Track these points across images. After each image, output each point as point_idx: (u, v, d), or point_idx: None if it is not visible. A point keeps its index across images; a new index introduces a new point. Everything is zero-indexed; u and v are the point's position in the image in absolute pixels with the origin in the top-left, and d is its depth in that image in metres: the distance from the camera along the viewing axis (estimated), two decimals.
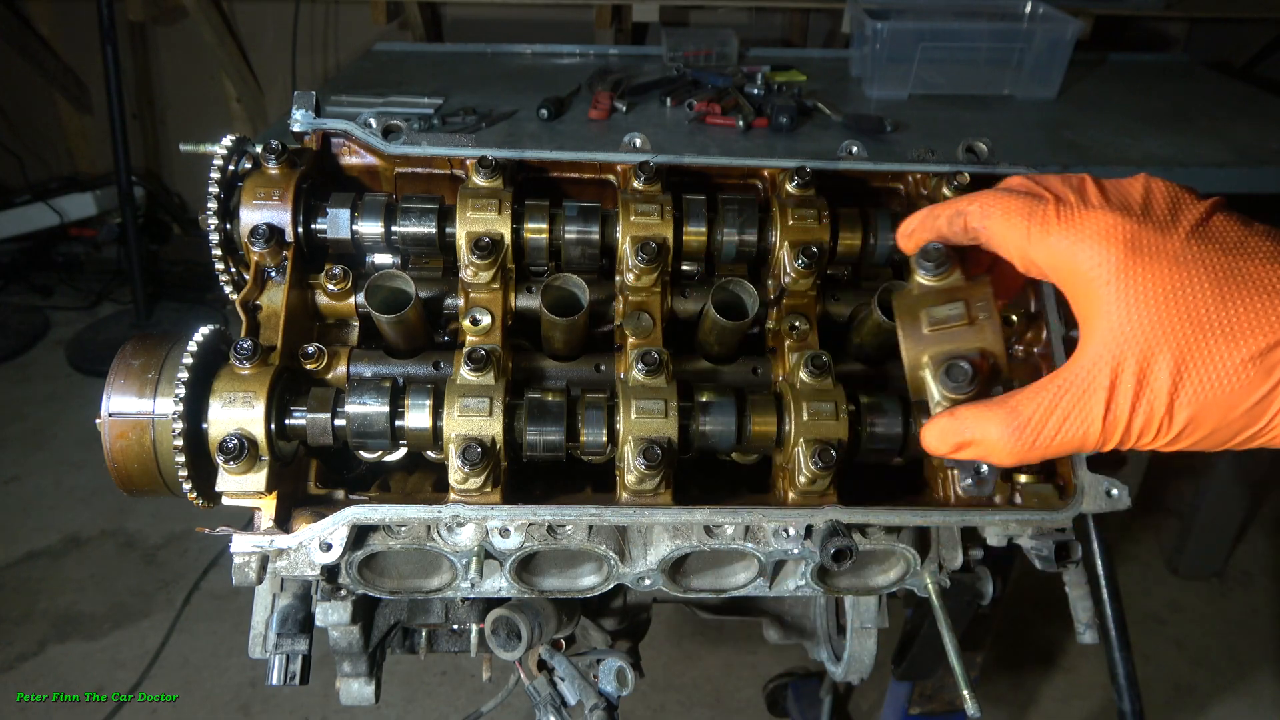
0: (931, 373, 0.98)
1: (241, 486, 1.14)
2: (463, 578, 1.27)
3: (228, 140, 1.31)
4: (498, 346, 1.26)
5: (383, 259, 1.41)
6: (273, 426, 1.15)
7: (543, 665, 1.60)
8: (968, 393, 0.95)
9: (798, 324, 1.33)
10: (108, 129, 5.44)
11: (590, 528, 1.26)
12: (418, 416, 1.17)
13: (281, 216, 1.28)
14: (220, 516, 1.24)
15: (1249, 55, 5.46)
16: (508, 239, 1.30)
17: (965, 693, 1.32)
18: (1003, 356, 0.97)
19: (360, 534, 1.24)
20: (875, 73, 3.66)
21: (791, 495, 1.22)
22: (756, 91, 3.55)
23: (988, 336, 0.97)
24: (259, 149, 1.30)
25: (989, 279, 0.99)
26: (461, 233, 1.29)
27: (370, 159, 1.42)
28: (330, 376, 1.29)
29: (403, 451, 1.32)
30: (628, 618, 1.81)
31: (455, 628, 1.67)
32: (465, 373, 1.18)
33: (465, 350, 1.19)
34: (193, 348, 1.16)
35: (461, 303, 1.33)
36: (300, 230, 1.30)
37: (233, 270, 1.32)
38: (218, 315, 5.84)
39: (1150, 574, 4.48)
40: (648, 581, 1.30)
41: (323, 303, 1.35)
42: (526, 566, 1.34)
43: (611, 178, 1.43)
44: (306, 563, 1.19)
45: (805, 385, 1.22)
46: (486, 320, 1.30)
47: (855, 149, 1.44)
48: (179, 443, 1.11)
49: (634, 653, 1.77)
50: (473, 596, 1.44)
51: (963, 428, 0.91)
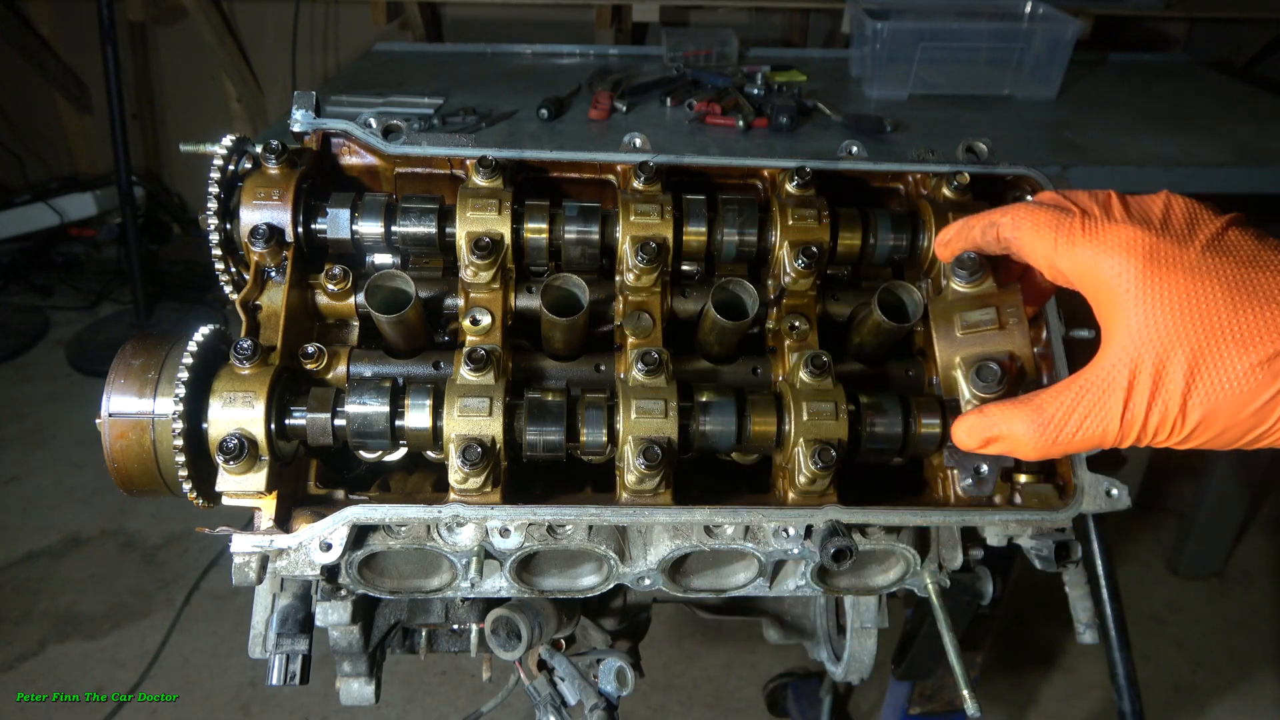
0: (963, 373, 1.05)
1: (241, 486, 1.14)
2: (463, 578, 1.27)
3: (228, 140, 1.31)
4: (498, 346, 1.26)
5: (383, 259, 1.41)
6: (273, 426, 1.15)
7: (543, 665, 1.60)
8: (996, 392, 1.02)
9: (798, 324, 1.33)
10: (108, 129, 5.44)
11: (590, 528, 1.26)
12: (418, 416, 1.17)
13: (281, 216, 1.28)
14: (220, 516, 1.24)
15: (1249, 55, 5.46)
16: (508, 239, 1.30)
17: (965, 693, 1.32)
18: (1030, 360, 1.03)
19: (360, 534, 1.24)
20: (875, 73, 3.66)
21: (791, 495, 1.22)
22: (756, 91, 3.55)
23: (1017, 340, 1.03)
24: (259, 149, 1.30)
25: (1019, 287, 1.06)
26: (461, 233, 1.29)
27: (370, 159, 1.42)
28: (330, 376, 1.29)
29: (403, 451, 1.32)
30: (628, 618, 1.81)
31: (455, 628, 1.67)
32: (465, 373, 1.18)
33: (465, 350, 1.19)
34: (193, 348, 1.16)
35: (461, 303, 1.33)
36: (300, 230, 1.30)
37: (233, 270, 1.32)
38: (218, 315, 5.84)
39: (1150, 574, 4.48)
40: (648, 581, 1.30)
41: (323, 303, 1.35)
42: (526, 566, 1.34)
43: (611, 178, 1.43)
44: (306, 563, 1.19)
45: (805, 385, 1.22)
46: (486, 320, 1.30)
47: (855, 149, 1.44)
48: (179, 443, 1.11)
49: (634, 653, 1.77)
50: (473, 596, 1.44)
51: (991, 423, 0.97)
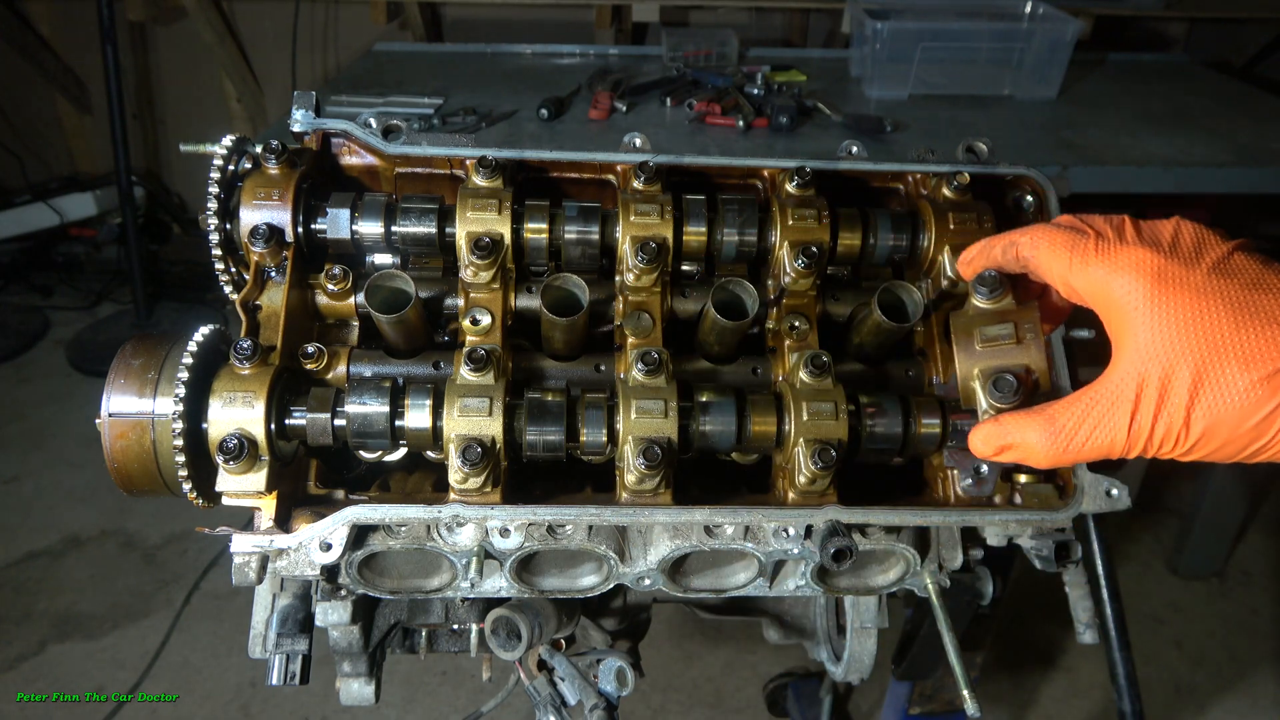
0: (981, 384, 1.09)
1: (241, 486, 1.14)
2: (463, 578, 1.27)
3: (228, 140, 1.31)
4: (498, 346, 1.26)
5: (383, 259, 1.41)
6: (273, 426, 1.15)
7: (543, 665, 1.60)
8: (1012, 403, 1.06)
9: (798, 324, 1.33)
10: (108, 129, 5.44)
11: (590, 528, 1.26)
12: (418, 416, 1.17)
13: (281, 216, 1.28)
14: (220, 516, 1.24)
15: (1249, 55, 5.46)
16: (508, 239, 1.30)
17: (965, 693, 1.32)
18: (1045, 373, 1.08)
19: (360, 534, 1.24)
20: (875, 73, 3.66)
21: (791, 495, 1.22)
22: (756, 91, 3.56)
23: (1033, 355, 1.09)
24: (259, 149, 1.30)
25: (1036, 305, 1.12)
26: (461, 233, 1.29)
27: (370, 159, 1.42)
28: (330, 376, 1.29)
29: (403, 451, 1.32)
30: (628, 618, 1.81)
31: (455, 628, 1.67)
32: (465, 373, 1.18)
33: (465, 350, 1.19)
34: (193, 348, 1.16)
35: (461, 303, 1.33)
36: (300, 230, 1.30)
37: (233, 270, 1.32)
38: (218, 315, 5.84)
39: (1150, 574, 4.48)
40: (648, 581, 1.30)
41: (323, 303, 1.35)
42: (526, 566, 1.34)
43: (611, 178, 1.43)
44: (306, 563, 1.19)
45: (805, 385, 1.22)
46: (486, 320, 1.30)
47: (855, 149, 1.44)
48: (179, 443, 1.11)
49: (634, 653, 1.77)
50: (473, 596, 1.44)
51: (1005, 432, 1.02)
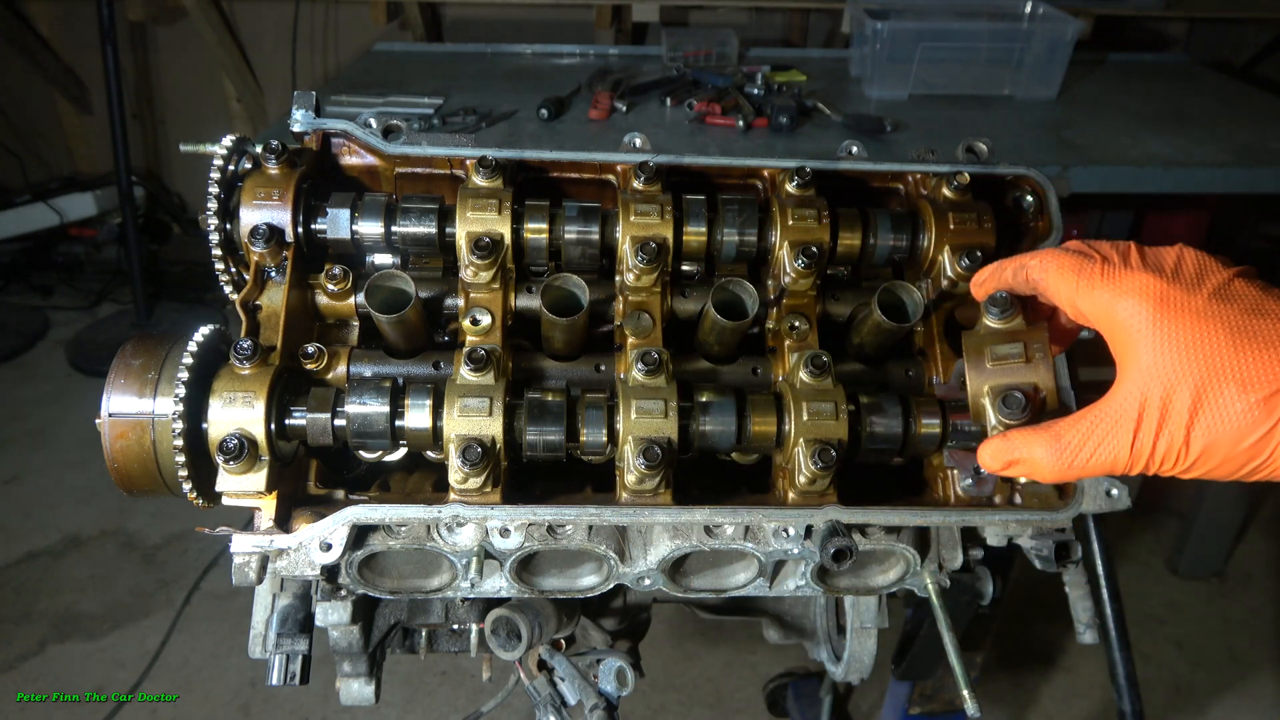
0: (991, 401, 1.12)
1: (241, 486, 1.14)
2: (463, 578, 1.27)
3: (228, 140, 1.31)
4: (498, 346, 1.26)
5: (383, 259, 1.41)
6: (273, 426, 1.15)
7: (543, 665, 1.60)
8: (1020, 419, 1.08)
9: (798, 324, 1.33)
10: (108, 129, 5.44)
11: (590, 528, 1.26)
12: (418, 416, 1.17)
13: (281, 216, 1.28)
14: (220, 516, 1.24)
15: (1249, 55, 5.46)
16: (508, 239, 1.30)
17: (965, 693, 1.32)
18: (1053, 392, 1.12)
19: (360, 534, 1.24)
20: (875, 73, 3.66)
21: (791, 495, 1.22)
22: (756, 91, 3.55)
23: (1041, 374, 1.11)
24: (259, 149, 1.30)
25: (1046, 326, 1.15)
26: (461, 233, 1.29)
27: (370, 159, 1.42)
28: (330, 376, 1.29)
29: (403, 451, 1.32)
30: (628, 618, 1.81)
31: (455, 628, 1.67)
32: (465, 373, 1.18)
33: (465, 350, 1.19)
34: (193, 348, 1.16)
35: (461, 303, 1.33)
36: (300, 230, 1.30)
37: (233, 270, 1.32)
38: (218, 315, 5.84)
39: (1150, 574, 4.48)
40: (648, 581, 1.30)
41: (323, 303, 1.35)
42: (526, 566, 1.34)
43: (611, 178, 1.43)
44: (306, 563, 1.19)
45: (805, 385, 1.22)
46: (486, 320, 1.30)
47: (855, 149, 1.44)
48: (179, 443, 1.11)
49: (634, 653, 1.77)
50: (473, 596, 1.44)
51: (1013, 448, 1.04)
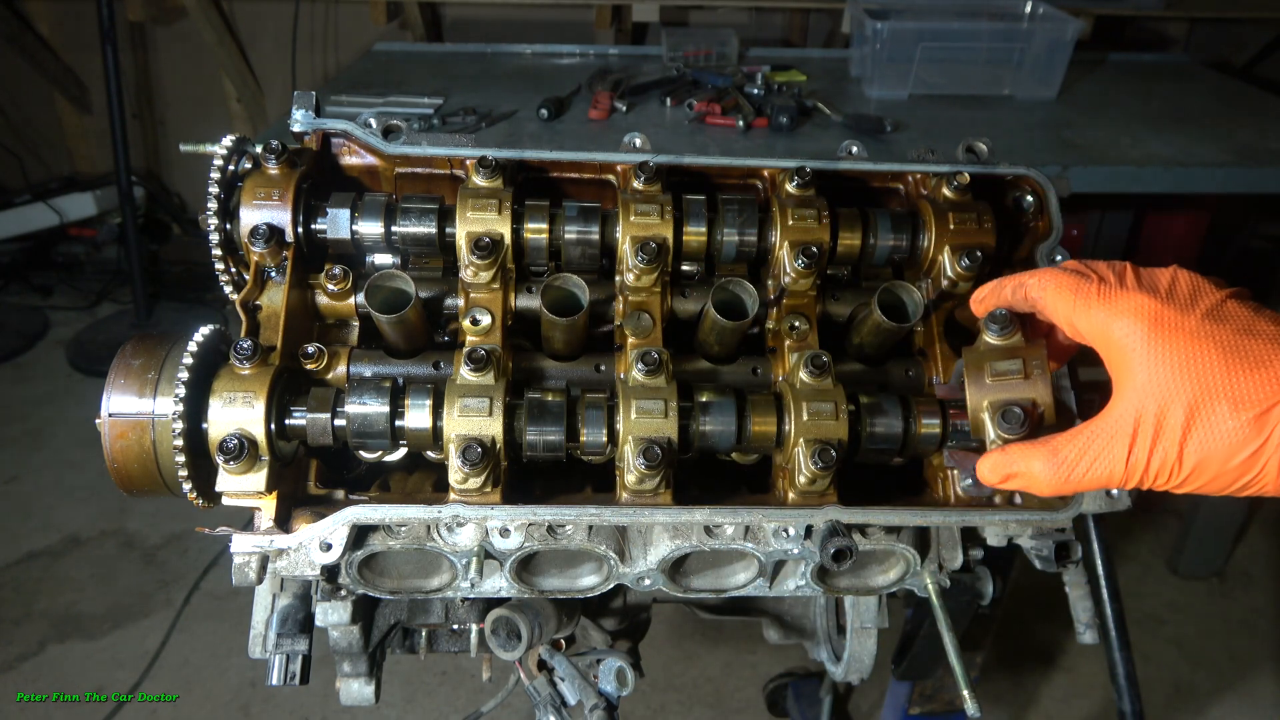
0: (990, 416, 1.14)
1: (241, 486, 1.14)
2: (463, 578, 1.27)
3: (228, 140, 1.31)
4: (498, 346, 1.26)
5: (383, 259, 1.41)
6: (273, 426, 1.15)
7: (543, 665, 1.60)
8: (1019, 434, 1.10)
9: (798, 324, 1.33)
10: (108, 129, 5.43)
11: (590, 528, 1.26)
12: (418, 416, 1.17)
13: (281, 216, 1.28)
14: (220, 516, 1.24)
15: (1249, 55, 5.46)
16: (508, 239, 1.30)
17: (965, 693, 1.32)
18: (1051, 407, 1.13)
19: (360, 534, 1.24)
20: (875, 73, 3.66)
21: (791, 495, 1.22)
22: (756, 91, 3.55)
23: (1039, 389, 1.13)
24: (259, 149, 1.30)
25: (1044, 343, 1.18)
26: (461, 233, 1.29)
27: (370, 159, 1.42)
28: (330, 376, 1.29)
29: (403, 451, 1.32)
30: (628, 618, 1.81)
31: (455, 628, 1.67)
32: (465, 373, 1.18)
33: (465, 350, 1.19)
34: (193, 348, 1.16)
35: (461, 303, 1.33)
36: (300, 230, 1.30)
37: (233, 270, 1.32)
38: (218, 315, 5.84)
39: (1150, 574, 4.48)
40: (648, 581, 1.30)
41: (323, 303, 1.35)
42: (526, 566, 1.34)
43: (611, 178, 1.43)
44: (306, 563, 1.19)
45: (805, 385, 1.22)
46: (486, 320, 1.30)
47: (855, 149, 1.44)
48: (179, 443, 1.11)
49: (634, 653, 1.77)
50: (473, 596, 1.44)
51: (1011, 462, 1.07)
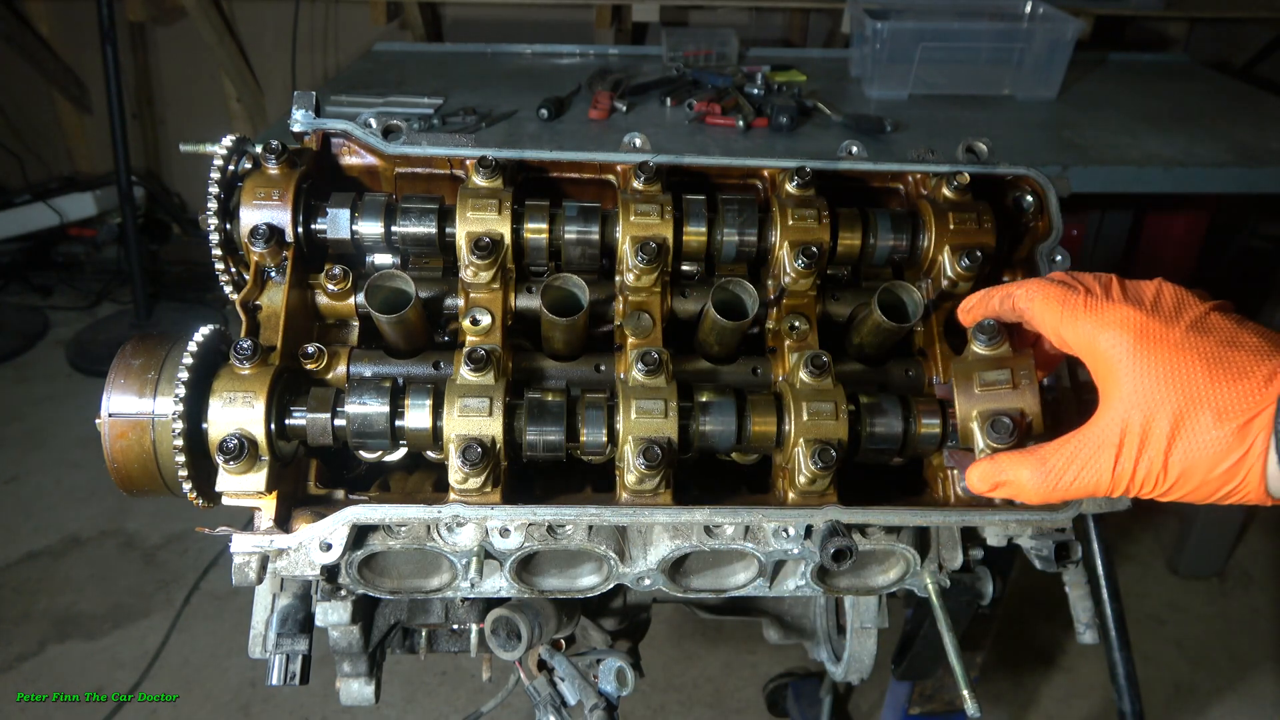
0: (979, 425, 1.15)
1: (241, 486, 1.14)
2: (463, 578, 1.27)
3: (228, 140, 1.31)
4: (498, 346, 1.26)
5: (383, 259, 1.41)
6: (273, 426, 1.15)
7: (543, 665, 1.60)
8: (1008, 443, 1.12)
9: (798, 324, 1.33)
10: (108, 129, 5.43)
11: (590, 528, 1.26)
12: (418, 416, 1.17)
13: (281, 216, 1.28)
14: (220, 516, 1.24)
15: (1249, 55, 5.46)
16: (508, 239, 1.30)
17: (965, 693, 1.32)
18: (1038, 416, 1.15)
19: (360, 534, 1.24)
20: (875, 73, 3.65)
21: (791, 495, 1.22)
22: (756, 91, 3.55)
23: (1027, 399, 1.15)
24: (259, 149, 1.30)
25: (1031, 353, 1.19)
26: (461, 233, 1.29)
27: (370, 159, 1.42)
28: (330, 376, 1.29)
29: (403, 451, 1.32)
30: (628, 618, 1.81)
31: (455, 628, 1.67)
32: (465, 373, 1.18)
33: (465, 350, 1.19)
34: (193, 348, 1.16)
35: (461, 303, 1.33)
36: (300, 230, 1.30)
37: (233, 270, 1.32)
38: (218, 315, 5.84)
39: (1150, 574, 4.48)
40: (648, 581, 1.30)
41: (323, 303, 1.35)
42: (526, 566, 1.34)
43: (611, 178, 1.43)
44: (306, 563, 1.19)
45: (805, 385, 1.22)
46: (486, 320, 1.30)
47: (855, 149, 1.44)
48: (179, 443, 1.11)
49: (634, 653, 1.77)
50: (473, 596, 1.44)
51: (1000, 470, 1.09)
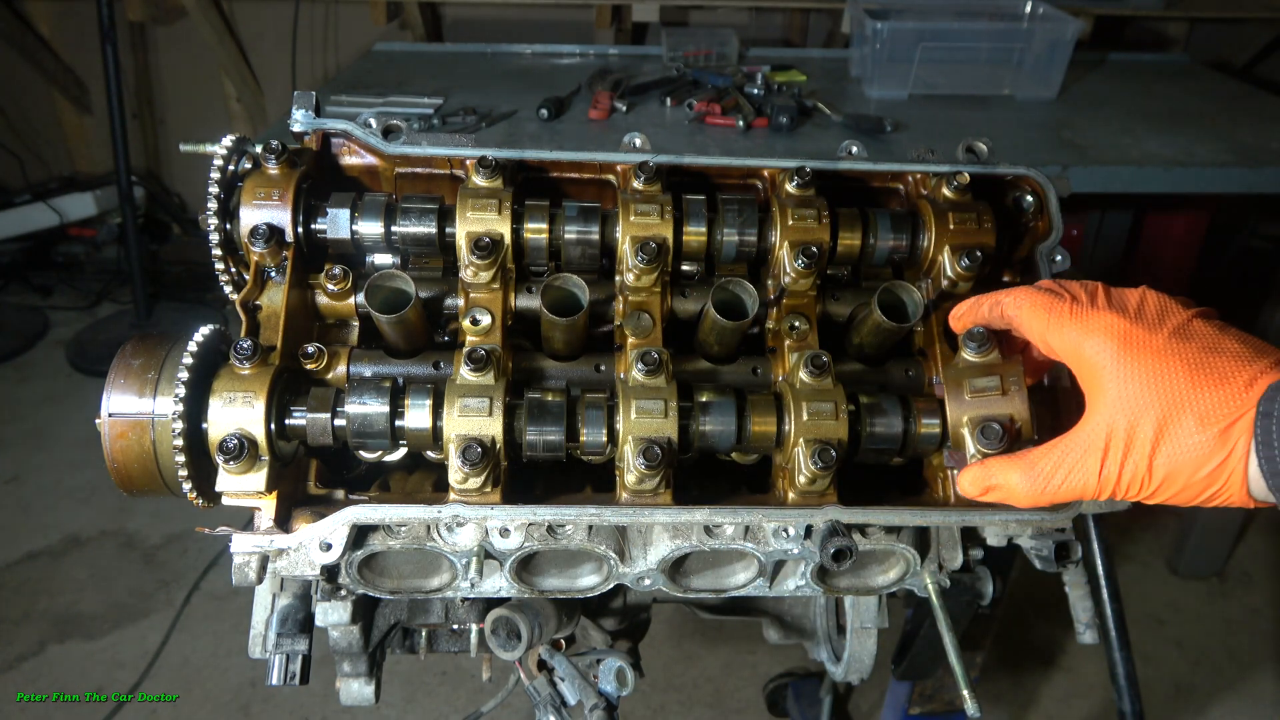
0: (969, 431, 1.17)
1: (241, 486, 1.14)
2: (463, 578, 1.27)
3: (228, 140, 1.31)
4: (498, 346, 1.26)
5: (383, 259, 1.41)
6: (273, 426, 1.15)
7: (543, 665, 1.60)
8: (998, 448, 1.14)
9: (798, 324, 1.33)
10: (108, 129, 5.43)
11: (590, 528, 1.26)
12: (418, 416, 1.17)
13: (281, 216, 1.28)
14: (220, 516, 1.24)
15: (1249, 55, 5.46)
16: (508, 239, 1.30)
17: (965, 693, 1.32)
18: (1028, 422, 1.17)
19: (360, 534, 1.24)
20: (875, 73, 3.66)
21: (791, 495, 1.22)
22: (756, 91, 3.55)
23: (1017, 405, 1.17)
24: (259, 149, 1.30)
25: (1020, 359, 1.21)
26: (461, 233, 1.29)
27: (370, 159, 1.42)
28: (330, 376, 1.29)
29: (403, 451, 1.32)
30: (628, 618, 1.81)
31: (455, 628, 1.67)
32: (465, 373, 1.18)
33: (465, 350, 1.19)
34: (193, 348, 1.16)
35: (461, 303, 1.33)
36: (300, 230, 1.30)
37: (233, 270, 1.32)
38: (218, 315, 5.83)
39: (1150, 574, 4.48)
40: (648, 581, 1.30)
41: (323, 303, 1.35)
42: (526, 566, 1.34)
43: (611, 178, 1.43)
44: (306, 563, 1.19)
45: (805, 385, 1.22)
46: (486, 320, 1.30)
47: (855, 149, 1.44)
48: (179, 443, 1.11)
49: (634, 653, 1.77)
50: (473, 596, 1.44)
51: (990, 475, 1.11)
